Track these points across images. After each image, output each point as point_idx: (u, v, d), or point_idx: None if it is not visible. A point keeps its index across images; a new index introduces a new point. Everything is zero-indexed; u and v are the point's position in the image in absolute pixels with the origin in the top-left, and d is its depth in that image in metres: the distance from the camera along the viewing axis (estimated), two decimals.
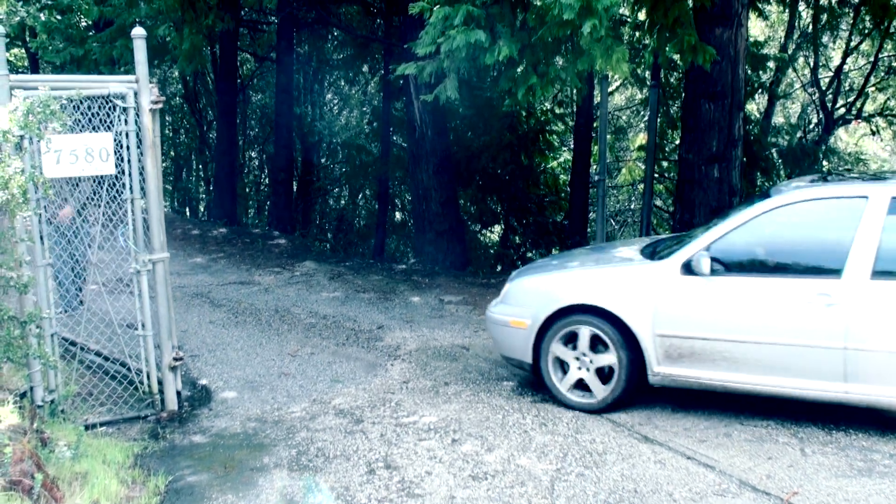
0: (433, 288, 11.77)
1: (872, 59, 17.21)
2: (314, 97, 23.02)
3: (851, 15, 16.02)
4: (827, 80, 18.18)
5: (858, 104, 17.85)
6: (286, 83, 18.57)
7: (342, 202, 24.90)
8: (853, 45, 17.36)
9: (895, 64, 17.96)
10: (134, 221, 6.53)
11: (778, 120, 19.99)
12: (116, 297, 7.36)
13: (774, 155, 16.63)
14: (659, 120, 14.47)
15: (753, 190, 15.33)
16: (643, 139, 19.47)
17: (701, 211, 10.34)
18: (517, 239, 18.32)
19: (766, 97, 18.48)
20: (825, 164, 17.38)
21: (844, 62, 17.64)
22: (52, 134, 5.53)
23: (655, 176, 14.66)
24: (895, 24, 14.52)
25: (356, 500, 5.28)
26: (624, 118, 22.08)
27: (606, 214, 12.82)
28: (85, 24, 16.70)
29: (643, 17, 10.04)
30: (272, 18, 19.88)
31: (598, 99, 14.93)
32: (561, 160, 19.56)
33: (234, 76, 19.36)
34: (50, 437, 5.61)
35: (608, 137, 17.67)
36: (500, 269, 16.82)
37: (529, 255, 18.13)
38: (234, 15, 15.33)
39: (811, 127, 19.08)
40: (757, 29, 18.92)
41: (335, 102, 25.22)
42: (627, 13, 12.08)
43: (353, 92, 24.06)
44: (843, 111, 17.99)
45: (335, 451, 6.04)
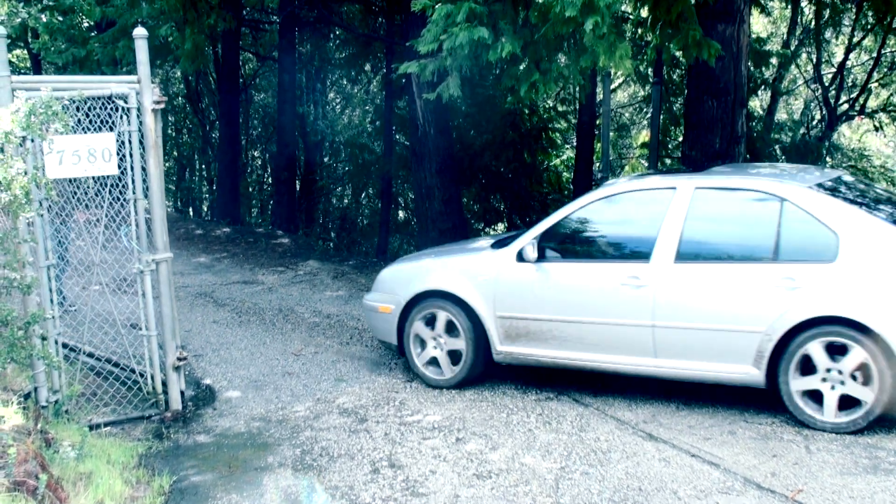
0: None
1: (875, 54, 17.17)
2: (316, 96, 23.00)
3: (854, 10, 15.97)
4: (830, 76, 18.15)
5: (861, 100, 17.82)
6: (288, 82, 18.56)
7: (345, 201, 24.89)
8: (856, 40, 17.31)
9: None
10: (137, 221, 6.53)
11: (781, 116, 19.94)
12: (119, 297, 7.36)
13: (778, 151, 16.60)
14: (662, 117, 14.47)
15: None
16: (646, 136, 19.47)
17: None
18: None
19: (768, 94, 18.44)
20: (828, 160, 17.36)
21: (847, 58, 17.61)
22: (54, 135, 5.53)
23: None
24: None
25: (360, 499, 5.28)
26: (627, 115, 22.07)
27: None
28: (87, 24, 16.70)
29: (645, 13, 10.01)
30: (274, 18, 19.87)
31: (600, 96, 14.94)
32: (564, 158, 19.54)
33: (236, 76, 19.37)
34: (54, 437, 5.61)
35: (611, 135, 17.69)
36: None
37: None
38: (235, 14, 15.32)
39: (814, 123, 19.04)
40: (759, 25, 18.88)
41: (337, 101, 25.20)
42: (629, 10, 12.05)
43: (355, 91, 24.04)
44: (845, 107, 17.96)
45: (339, 450, 6.04)
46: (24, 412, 5.69)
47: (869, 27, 16.37)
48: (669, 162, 17.26)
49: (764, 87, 17.46)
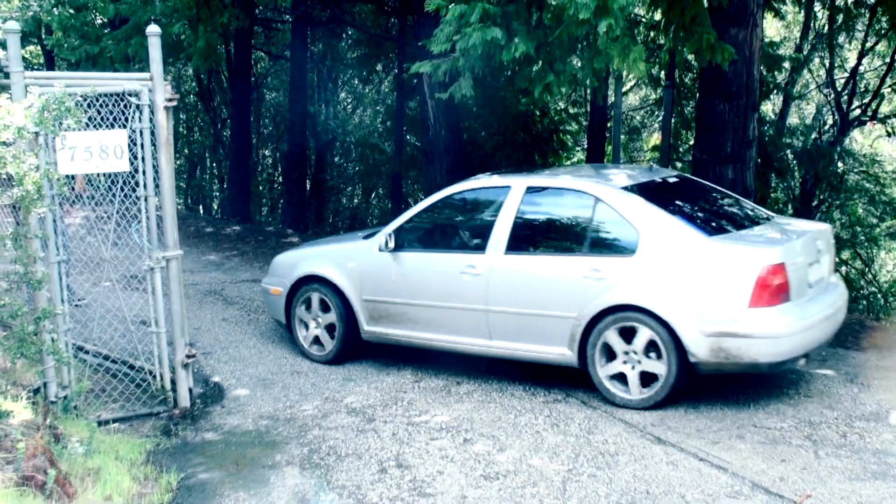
0: None
1: (888, 60, 17.09)
2: (328, 95, 23.04)
3: (867, 15, 15.91)
4: (842, 80, 18.08)
5: (874, 105, 17.74)
6: (300, 81, 18.59)
7: (355, 201, 24.93)
8: (869, 45, 17.24)
9: None
10: (148, 218, 6.54)
11: (793, 121, 19.86)
12: (129, 294, 7.38)
13: (789, 156, 16.54)
14: (673, 120, 14.44)
15: (767, 191, 15.27)
16: (657, 139, 19.44)
17: None
18: None
19: (781, 98, 18.37)
20: (840, 165, 17.29)
21: (860, 63, 17.54)
22: (66, 131, 5.55)
23: None
24: None
25: (368, 498, 5.28)
26: (638, 118, 22.03)
27: None
28: (100, 21, 16.73)
29: (659, 16, 10.00)
30: (286, 17, 19.92)
31: (612, 99, 14.93)
32: (575, 160, 19.52)
33: (248, 74, 19.40)
34: (63, 432, 5.62)
35: (622, 137, 17.65)
36: None
37: None
38: (248, 13, 15.35)
39: (826, 128, 18.96)
40: (772, 29, 18.83)
41: (349, 101, 25.24)
42: (643, 13, 12.04)
43: (366, 90, 24.07)
44: (858, 112, 17.88)
45: (347, 449, 6.04)
46: (33, 407, 5.71)
47: (882, 32, 16.29)
48: (680, 166, 17.22)
49: (776, 91, 17.38)
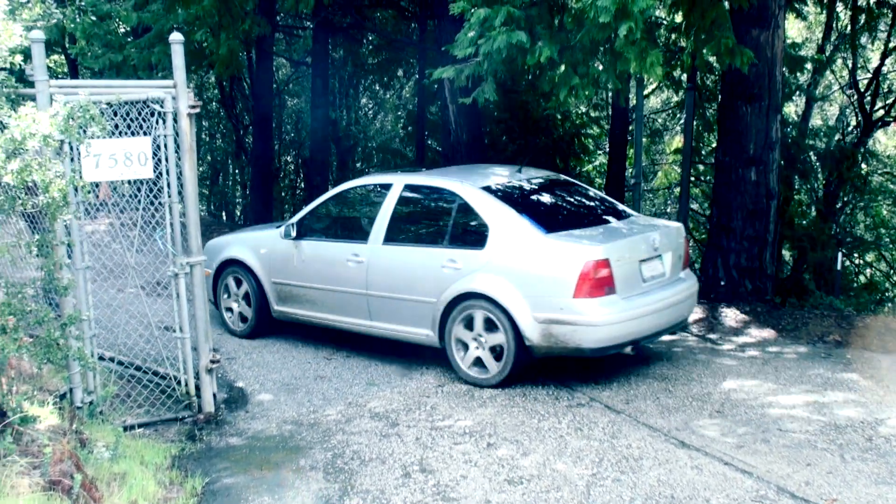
0: None
1: None
2: (349, 101, 23.09)
3: (890, 15, 15.81)
4: (865, 81, 17.94)
5: None
6: (321, 87, 18.63)
7: None
8: (892, 46, 17.10)
9: None
10: (171, 225, 6.58)
11: (816, 122, 19.73)
12: (154, 299, 7.42)
13: (812, 158, 16.44)
14: (695, 123, 14.38)
15: (791, 194, 15.17)
16: (679, 142, 19.35)
17: (738, 214, 10.26)
18: None
19: (803, 99, 18.26)
20: (864, 166, 17.15)
21: (883, 63, 17.39)
22: (91, 138, 5.59)
23: (692, 179, 14.57)
24: None
25: (391, 503, 5.29)
26: (660, 121, 21.93)
27: None
28: (123, 30, 16.86)
29: (679, 19, 9.97)
30: (308, 23, 19.96)
31: (633, 102, 14.87)
32: (596, 164, 19.48)
33: (269, 81, 19.45)
34: (89, 437, 5.67)
35: (644, 141, 17.59)
36: None
37: None
38: (270, 20, 15.41)
39: (849, 129, 18.82)
40: (794, 30, 18.71)
41: (370, 106, 25.30)
42: (663, 15, 12.00)
43: (387, 96, 24.11)
44: (881, 113, 17.74)
45: (371, 454, 6.06)
46: (59, 412, 5.76)
47: None
48: (703, 168, 17.15)
49: (799, 92, 17.27)
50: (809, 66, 16.15)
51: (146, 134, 6.39)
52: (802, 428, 6.25)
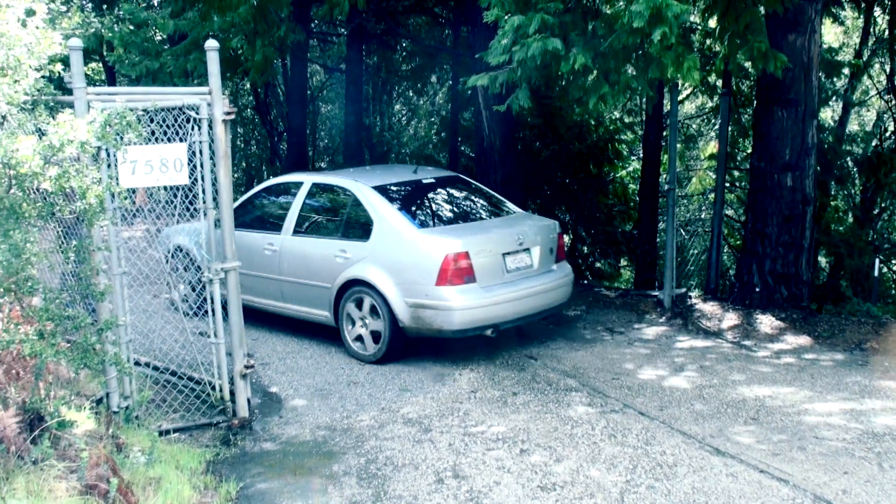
0: None
1: None
2: (383, 107, 23.14)
3: None
4: None
5: None
6: (355, 94, 18.70)
7: None
8: None
9: None
10: (206, 231, 6.63)
11: (853, 128, 19.50)
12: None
13: (849, 163, 16.26)
14: (730, 128, 14.27)
15: (827, 199, 15.02)
16: (714, 148, 19.21)
17: (773, 220, 10.17)
18: (585, 249, 18.19)
19: (840, 104, 18.06)
20: None
21: None
22: (127, 145, 5.64)
23: (727, 185, 14.43)
24: None
25: None
26: (694, 127, 21.78)
27: (676, 224, 12.64)
28: (160, 38, 17.04)
29: (713, 24, 9.90)
30: (342, 30, 20.05)
31: (667, 107, 14.79)
32: (630, 169, 19.38)
33: (304, 88, 19.54)
34: (125, 442, 5.72)
35: (678, 146, 17.49)
36: None
37: (598, 265, 17.98)
38: (304, 27, 15.47)
39: (887, 135, 18.60)
40: (831, 35, 18.53)
41: (403, 112, 25.34)
42: (698, 20, 11.93)
43: (421, 102, 24.14)
44: None
45: (403, 459, 6.06)
46: (96, 417, 5.82)
47: None
48: (738, 174, 17.01)
49: (835, 97, 17.10)
50: (846, 70, 15.99)
51: (182, 140, 6.45)
52: (839, 436, 6.19)
